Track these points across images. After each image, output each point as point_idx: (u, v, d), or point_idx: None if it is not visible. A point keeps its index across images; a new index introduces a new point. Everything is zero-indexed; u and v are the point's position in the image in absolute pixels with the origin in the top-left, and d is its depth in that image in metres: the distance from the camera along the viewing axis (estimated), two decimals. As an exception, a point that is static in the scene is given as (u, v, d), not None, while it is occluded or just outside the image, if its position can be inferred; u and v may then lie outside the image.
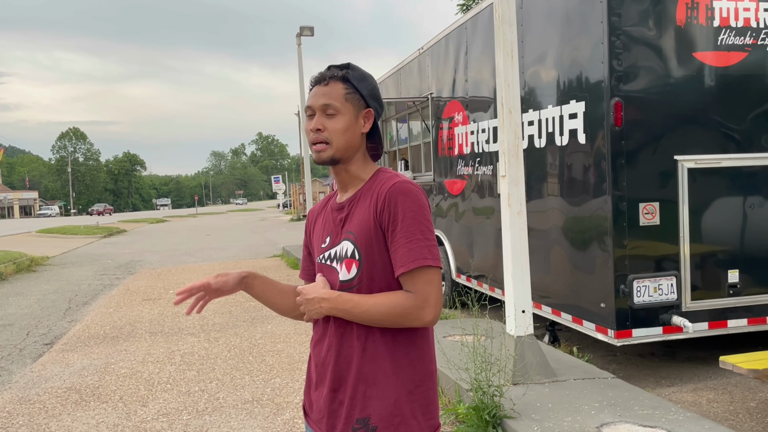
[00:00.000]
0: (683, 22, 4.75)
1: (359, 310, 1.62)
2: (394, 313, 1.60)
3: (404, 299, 1.61)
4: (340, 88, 1.70)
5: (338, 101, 1.69)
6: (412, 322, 1.63)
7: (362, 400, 1.64)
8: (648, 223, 4.73)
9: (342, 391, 1.66)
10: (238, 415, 4.56)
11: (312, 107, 1.72)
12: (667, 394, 4.66)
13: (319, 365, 1.73)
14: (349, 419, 1.64)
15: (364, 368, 1.65)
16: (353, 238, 1.67)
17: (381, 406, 1.63)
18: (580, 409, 3.86)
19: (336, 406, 1.67)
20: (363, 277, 1.66)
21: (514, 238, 4.45)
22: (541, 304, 5.64)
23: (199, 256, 16.50)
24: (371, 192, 1.69)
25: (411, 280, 1.62)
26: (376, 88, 1.78)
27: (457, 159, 7.46)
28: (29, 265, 14.63)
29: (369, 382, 1.64)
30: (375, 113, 1.76)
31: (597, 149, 4.81)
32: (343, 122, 1.69)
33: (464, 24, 7.13)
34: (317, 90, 1.72)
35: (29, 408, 4.90)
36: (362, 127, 1.73)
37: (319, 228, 1.83)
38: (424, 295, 1.61)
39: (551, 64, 5.46)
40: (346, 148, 1.70)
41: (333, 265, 1.72)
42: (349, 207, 1.73)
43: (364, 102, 1.73)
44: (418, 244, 1.61)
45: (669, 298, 4.72)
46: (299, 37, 14.83)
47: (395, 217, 1.62)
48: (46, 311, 9.13)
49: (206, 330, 7.38)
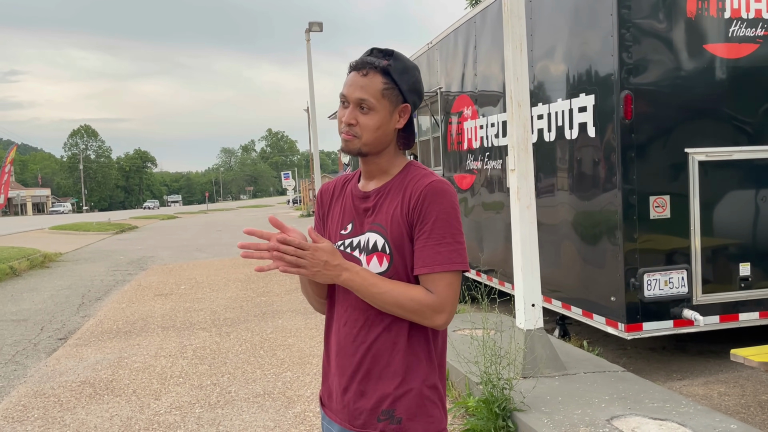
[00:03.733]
0: (694, 13, 4.72)
1: (376, 290, 1.58)
2: (408, 307, 1.58)
3: (424, 296, 1.58)
4: (378, 81, 1.61)
5: (374, 97, 1.61)
6: (421, 321, 1.60)
7: (389, 392, 1.62)
8: (658, 216, 4.71)
9: (372, 382, 1.63)
10: (250, 408, 4.60)
11: (347, 97, 1.64)
12: (678, 387, 4.66)
13: (340, 355, 1.68)
14: (374, 410, 1.62)
15: (392, 360, 1.62)
16: (383, 232, 1.63)
17: (406, 398, 1.62)
18: (590, 402, 3.86)
19: (358, 396, 1.65)
20: (393, 272, 1.62)
21: (523, 232, 4.46)
22: (552, 298, 5.64)
23: (210, 251, 16.58)
24: (403, 187, 1.64)
25: (434, 282, 1.59)
26: (418, 80, 1.69)
27: (467, 153, 7.46)
28: (42, 261, 14.77)
29: (402, 376, 1.62)
30: (413, 106, 1.68)
31: (607, 142, 4.80)
32: (376, 119, 1.62)
33: (473, 18, 7.12)
34: (354, 79, 1.63)
35: (44, 401, 4.96)
36: (397, 123, 1.66)
37: (337, 212, 1.76)
38: (443, 299, 1.58)
39: (560, 58, 5.44)
40: (375, 143, 1.65)
41: (355, 254, 1.67)
42: (376, 198, 1.67)
43: (403, 97, 1.65)
44: (447, 247, 1.58)
45: (680, 292, 4.71)
46: (308, 33, 14.83)
47: (427, 216, 1.58)
48: (60, 306, 9.23)
49: (218, 325, 7.43)
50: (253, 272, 11.76)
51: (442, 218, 1.58)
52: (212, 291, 9.95)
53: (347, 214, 1.72)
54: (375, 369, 1.63)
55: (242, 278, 11.09)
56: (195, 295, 9.68)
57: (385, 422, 1.61)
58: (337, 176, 1.90)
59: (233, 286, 10.28)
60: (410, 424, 1.61)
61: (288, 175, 53.59)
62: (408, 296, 1.58)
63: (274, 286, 10.00)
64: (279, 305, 8.38)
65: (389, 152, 1.70)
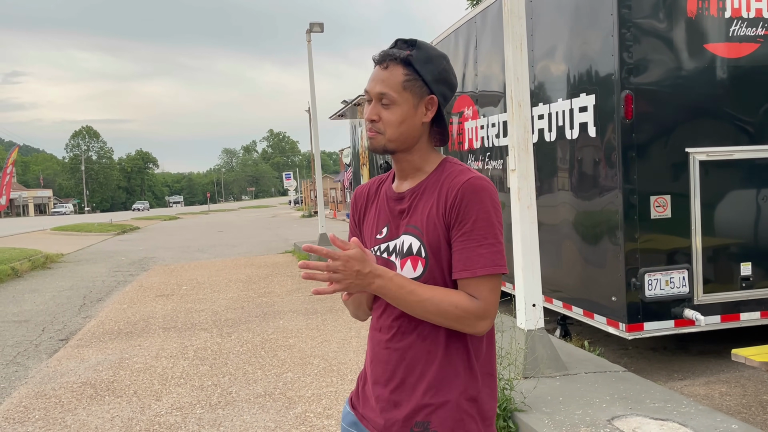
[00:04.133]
0: (694, 13, 4.72)
1: (414, 297, 1.49)
2: (450, 314, 1.48)
3: (467, 302, 1.49)
4: (399, 73, 1.54)
5: (395, 90, 1.54)
6: (463, 329, 1.51)
7: (424, 404, 1.56)
8: (659, 216, 4.71)
9: (406, 392, 1.57)
10: (251, 408, 4.60)
11: (369, 93, 1.58)
12: (680, 387, 4.65)
13: (375, 362, 1.63)
14: (408, 421, 1.56)
15: (427, 370, 1.56)
16: (419, 234, 1.56)
17: (442, 411, 1.55)
18: (591, 402, 3.86)
19: (390, 406, 1.59)
20: (429, 276, 1.55)
21: (524, 232, 4.45)
22: (553, 298, 5.64)
23: (212, 252, 16.60)
24: (439, 185, 1.56)
25: (476, 286, 1.50)
26: (445, 70, 1.59)
27: (468, 154, 7.45)
28: (44, 262, 14.79)
29: (437, 387, 1.55)
30: (441, 98, 1.58)
31: (607, 142, 4.80)
32: (399, 113, 1.55)
33: (473, 18, 7.12)
34: (376, 73, 1.57)
35: (45, 402, 4.97)
36: (423, 116, 1.58)
37: (372, 215, 1.69)
38: (487, 305, 1.50)
39: (561, 58, 5.44)
40: (401, 139, 1.57)
41: (391, 259, 1.60)
42: (411, 198, 1.60)
43: (428, 88, 1.56)
44: (489, 249, 1.50)
45: (681, 292, 4.70)
46: (309, 33, 14.85)
47: (467, 216, 1.50)
48: (62, 307, 9.24)
49: (219, 325, 7.43)
50: (254, 273, 11.77)
51: (482, 218, 1.50)
52: (213, 292, 9.96)
53: (382, 218, 1.65)
54: (409, 379, 1.57)
55: (243, 279, 11.10)
56: (196, 295, 9.69)
57: None
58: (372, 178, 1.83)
59: (234, 287, 10.29)
60: None
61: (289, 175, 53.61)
62: (451, 302, 1.49)
63: (275, 287, 10.00)
64: (280, 306, 8.37)
65: (421, 148, 1.61)
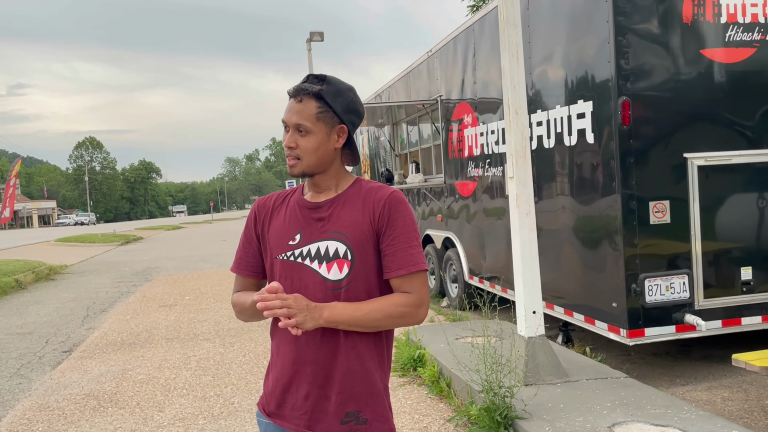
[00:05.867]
0: (690, 19, 4.73)
1: (361, 313, 1.68)
2: (395, 313, 1.70)
3: (404, 298, 1.71)
4: (312, 106, 1.71)
5: (309, 121, 1.71)
6: (408, 321, 1.73)
7: (351, 395, 1.71)
8: (658, 221, 4.71)
9: (328, 387, 1.71)
10: (253, 419, 4.60)
11: (286, 123, 1.75)
12: (682, 393, 4.64)
13: (296, 362, 1.73)
14: (338, 413, 1.71)
15: (352, 364, 1.71)
16: (345, 239, 1.71)
17: (371, 400, 1.73)
18: (592, 409, 3.85)
19: (321, 401, 1.71)
20: (353, 277, 1.71)
21: (523, 239, 4.46)
22: (554, 304, 5.64)
23: (215, 261, 16.62)
24: (361, 197, 1.75)
25: (410, 282, 1.72)
26: (353, 101, 1.78)
27: (468, 161, 7.47)
28: (48, 274, 14.84)
29: (357, 377, 1.71)
30: (350, 126, 1.77)
31: (605, 148, 4.81)
32: (314, 141, 1.72)
33: (471, 26, 7.15)
34: (292, 105, 1.73)
35: (48, 415, 4.98)
36: (336, 143, 1.76)
37: (280, 223, 1.80)
38: (421, 296, 1.73)
39: (558, 65, 5.46)
40: (317, 164, 1.75)
41: (308, 264, 1.73)
42: (330, 208, 1.75)
43: (339, 118, 1.74)
44: (416, 250, 1.73)
45: (681, 297, 4.70)
46: (309, 42, 14.92)
47: (394, 222, 1.72)
48: (65, 319, 9.26)
49: (221, 335, 7.45)
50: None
51: (408, 224, 1.74)
52: (216, 301, 9.97)
53: (294, 225, 1.78)
54: (335, 372, 1.71)
55: (246, 288, 11.10)
56: (199, 305, 9.70)
57: (350, 423, 1.71)
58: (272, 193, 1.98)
59: (237, 296, 10.29)
60: (376, 424, 1.73)
61: (292, 183, 53.54)
62: (391, 303, 1.71)
63: (277, 296, 10.00)
64: (283, 315, 8.37)
65: (335, 169, 1.80)
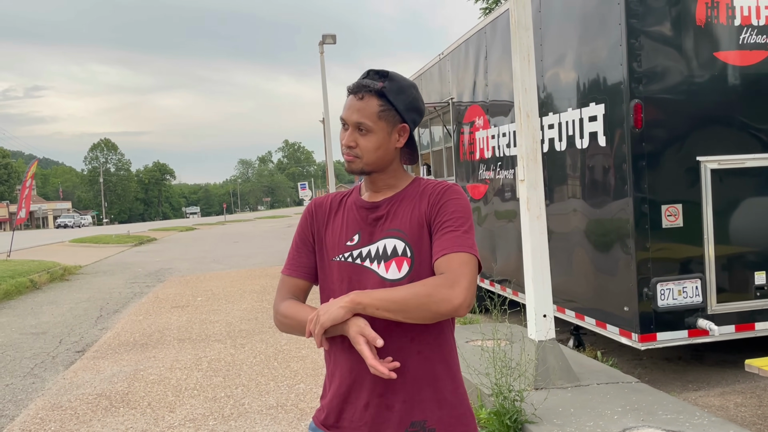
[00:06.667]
0: (703, 21, 4.70)
1: (386, 294, 1.54)
2: (421, 292, 1.51)
3: (434, 279, 1.54)
4: (374, 104, 1.64)
5: (371, 120, 1.64)
6: (439, 304, 1.51)
7: (418, 403, 1.61)
8: (671, 225, 4.68)
9: (390, 395, 1.61)
10: (263, 420, 4.62)
11: (345, 121, 1.68)
12: (694, 398, 4.60)
13: (354, 371, 1.63)
14: (402, 423, 1.60)
15: (418, 371, 1.61)
16: (402, 236, 1.64)
17: (438, 408, 1.62)
18: (603, 414, 3.83)
19: (382, 410, 1.61)
20: (414, 275, 1.61)
21: (534, 243, 4.45)
22: (565, 308, 5.61)
23: (227, 263, 16.70)
24: (419, 193, 1.68)
25: (446, 262, 1.55)
26: (415, 99, 1.71)
27: (479, 163, 7.46)
28: (62, 274, 14.97)
29: (423, 384, 1.62)
30: (412, 125, 1.71)
31: (617, 151, 4.78)
32: (375, 141, 1.65)
33: (483, 29, 7.14)
34: (352, 103, 1.66)
35: (61, 414, 5.03)
36: (396, 142, 1.69)
37: (339, 224, 1.74)
38: (455, 275, 1.52)
39: (570, 67, 5.44)
40: (376, 163, 1.68)
41: (367, 265, 1.66)
42: (389, 206, 1.69)
43: (400, 117, 1.68)
44: (462, 234, 1.60)
45: (694, 301, 4.66)
46: (321, 45, 14.97)
47: (445, 208, 1.63)
48: (78, 319, 9.35)
49: (233, 336, 7.48)
50: (268, 283, 11.83)
51: (459, 210, 1.63)
52: (228, 302, 10.02)
53: (352, 226, 1.72)
54: (398, 380, 1.58)
55: (258, 289, 11.16)
56: (211, 306, 9.75)
57: None
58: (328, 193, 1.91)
59: (249, 298, 10.35)
60: None
61: (305, 185, 53.76)
62: (420, 283, 1.54)
63: (289, 298, 10.03)
64: (294, 316, 8.39)
65: (393, 168, 1.73)
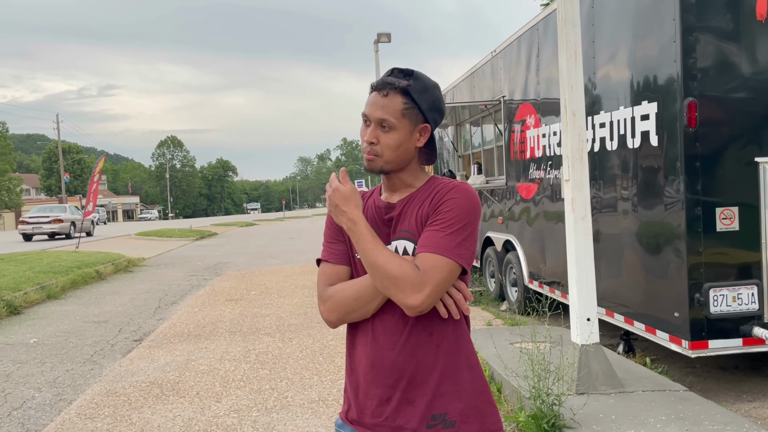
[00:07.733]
0: (764, 16, 4.48)
1: (371, 245, 1.59)
2: (392, 273, 1.55)
3: (410, 269, 1.55)
4: (398, 102, 1.65)
5: (394, 117, 1.64)
6: (395, 295, 1.56)
7: (439, 396, 1.61)
8: (726, 228, 4.49)
9: (411, 389, 1.62)
10: (304, 413, 4.70)
11: (368, 117, 1.68)
12: (748, 409, 4.41)
13: (374, 366, 1.65)
14: (424, 417, 1.61)
15: (438, 364, 1.62)
16: (412, 237, 1.66)
17: (458, 400, 1.62)
18: (645, 422, 3.72)
19: (403, 405, 1.62)
20: None
21: (578, 244, 4.35)
22: (614, 312, 5.46)
23: (283, 258, 17.02)
24: (429, 193, 1.68)
25: (421, 261, 1.57)
26: (438, 99, 1.72)
27: (529, 163, 7.35)
28: (126, 266, 15.60)
29: (444, 377, 1.62)
30: (433, 125, 1.71)
31: (670, 151, 4.62)
32: (396, 138, 1.66)
33: (536, 25, 7.02)
34: (375, 99, 1.67)
35: (115, 400, 5.25)
36: (417, 141, 1.70)
37: None
38: (424, 279, 1.54)
39: (623, 64, 5.29)
40: (396, 162, 1.69)
41: None
42: (402, 207, 1.70)
43: (423, 116, 1.68)
44: (448, 237, 1.58)
45: (749, 308, 4.46)
46: (376, 44, 15.05)
47: (441, 208, 1.61)
48: (138, 309, 9.73)
49: (282, 330, 7.63)
50: (320, 279, 11.98)
51: (454, 210, 1.60)
52: (280, 297, 10.22)
53: (371, 226, 1.73)
54: (419, 373, 1.62)
55: (309, 285, 11.32)
56: (263, 300, 9.97)
57: (437, 427, 1.60)
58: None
59: (300, 293, 10.52)
60: (465, 426, 1.62)
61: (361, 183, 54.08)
62: (398, 264, 1.56)
63: (339, 294, 10.14)
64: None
65: (411, 168, 1.74)
